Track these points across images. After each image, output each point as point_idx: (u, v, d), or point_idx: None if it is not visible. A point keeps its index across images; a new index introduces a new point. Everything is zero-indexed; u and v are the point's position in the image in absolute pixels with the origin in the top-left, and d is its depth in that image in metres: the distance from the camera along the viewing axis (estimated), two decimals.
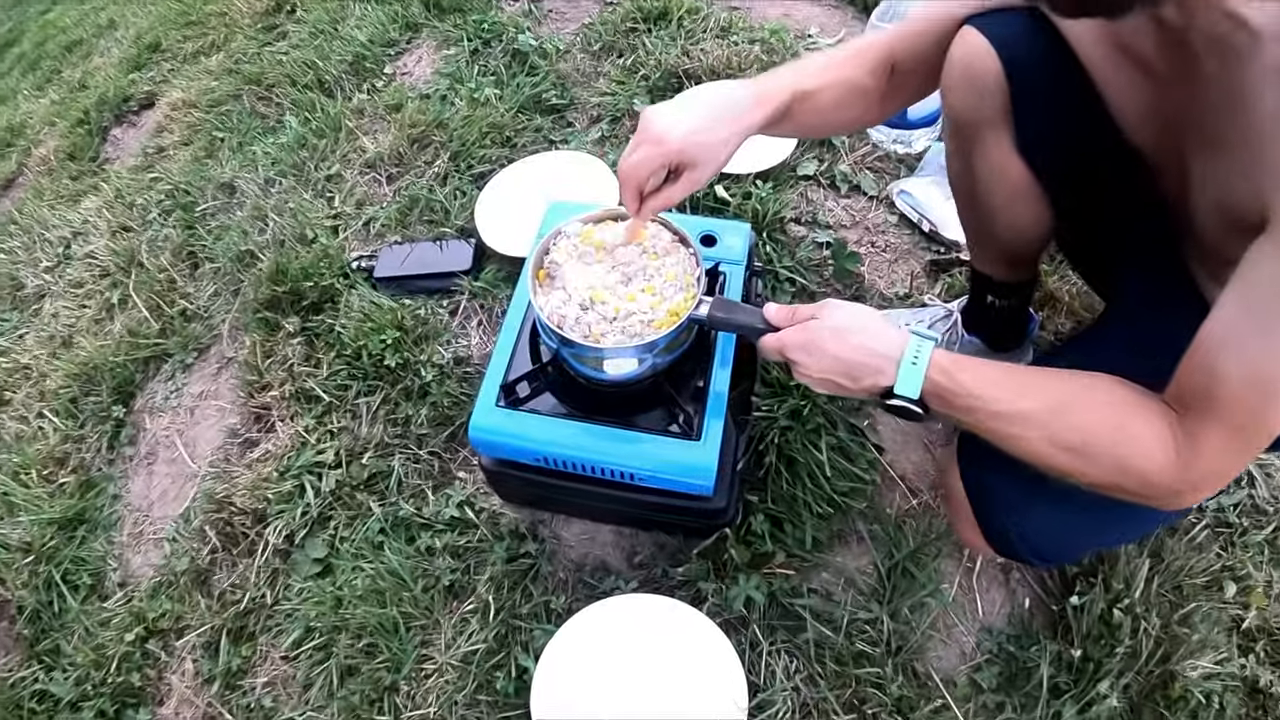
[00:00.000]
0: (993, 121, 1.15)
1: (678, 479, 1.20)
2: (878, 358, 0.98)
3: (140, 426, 1.88)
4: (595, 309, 1.12)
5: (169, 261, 2.09)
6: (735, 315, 1.11)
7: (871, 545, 1.44)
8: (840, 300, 1.06)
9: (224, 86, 2.51)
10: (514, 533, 1.45)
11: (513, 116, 2.01)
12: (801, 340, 1.03)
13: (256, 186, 2.13)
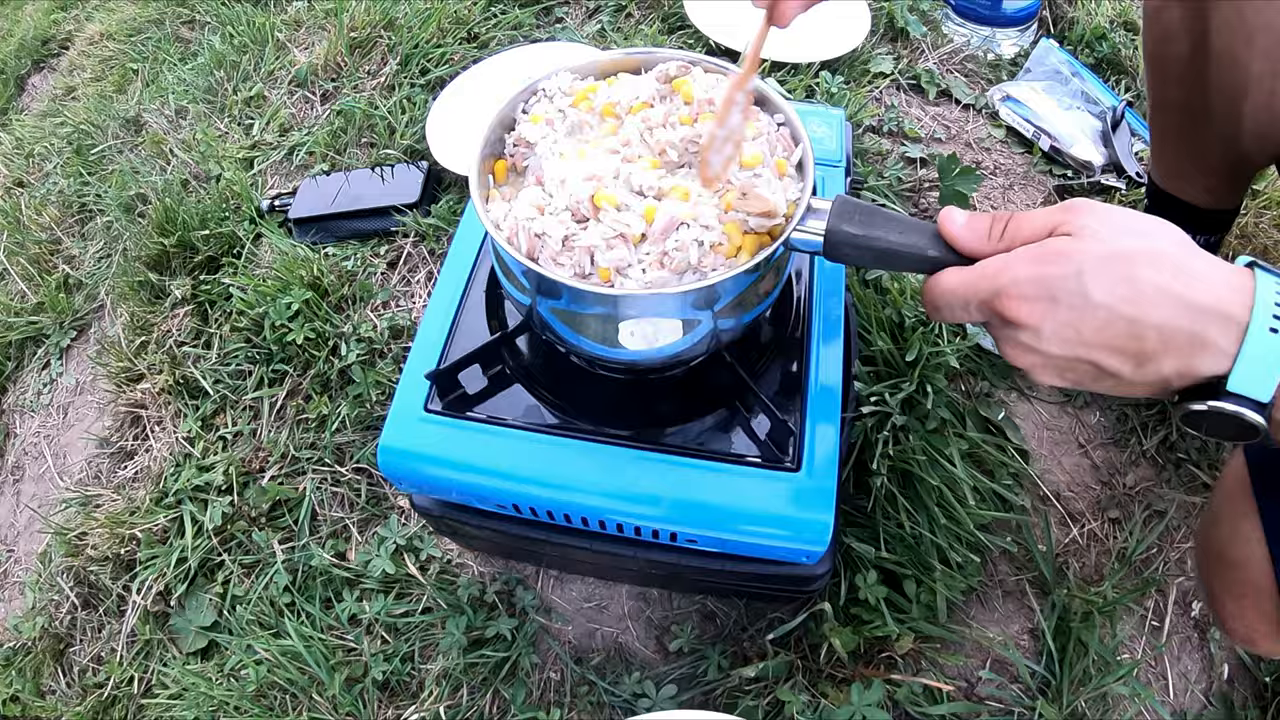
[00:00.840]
0: None
1: (763, 541, 0.57)
2: (1200, 315, 0.41)
3: (10, 430, 1.25)
4: (603, 218, 0.47)
5: (55, 217, 1.43)
6: (883, 231, 0.47)
7: (1028, 603, 0.82)
8: (1099, 202, 0.45)
9: (146, 13, 1.82)
10: (479, 600, 0.81)
11: (482, 9, 1.33)
12: (1039, 279, 0.42)
13: (165, 119, 1.47)
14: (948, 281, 0.45)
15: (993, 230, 0.45)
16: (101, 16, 1.99)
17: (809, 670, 0.74)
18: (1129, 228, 0.43)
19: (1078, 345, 0.42)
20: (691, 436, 0.57)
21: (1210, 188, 0.84)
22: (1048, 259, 0.42)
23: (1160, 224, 0.43)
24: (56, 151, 1.60)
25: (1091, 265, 0.41)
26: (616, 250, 0.45)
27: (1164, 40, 0.74)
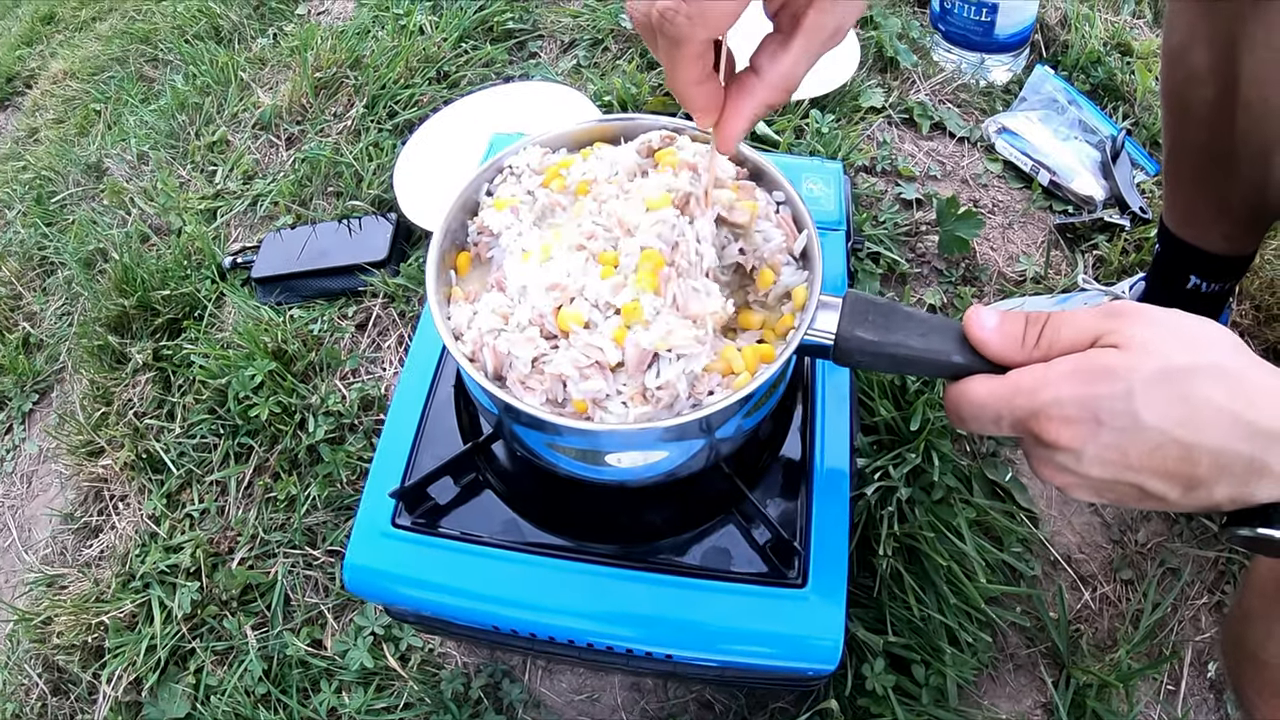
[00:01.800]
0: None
1: (769, 662, 0.52)
2: (1260, 439, 0.37)
3: None
4: (573, 340, 0.42)
5: (14, 270, 1.37)
6: (905, 335, 0.42)
7: (1040, 674, 0.78)
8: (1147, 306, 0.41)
9: (109, 50, 1.77)
10: (463, 695, 0.76)
11: (452, 46, 1.28)
12: (1083, 401, 0.38)
13: (127, 165, 1.41)
14: (977, 393, 0.40)
15: (1027, 336, 0.41)
16: (65, 53, 1.93)
17: None
18: (1182, 338, 0.38)
19: (1123, 469, 0.38)
20: (684, 552, 0.52)
21: (1227, 234, 0.80)
22: (1095, 378, 0.37)
23: (1216, 331, 0.39)
24: (19, 198, 1.54)
25: (1142, 384, 0.36)
26: (592, 380, 0.40)
27: (1188, 83, 0.70)
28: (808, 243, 0.47)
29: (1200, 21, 0.66)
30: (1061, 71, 1.23)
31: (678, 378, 0.40)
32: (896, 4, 1.29)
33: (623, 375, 0.41)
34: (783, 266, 0.49)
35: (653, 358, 0.41)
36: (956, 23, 1.21)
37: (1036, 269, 0.98)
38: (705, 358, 0.42)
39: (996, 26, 1.20)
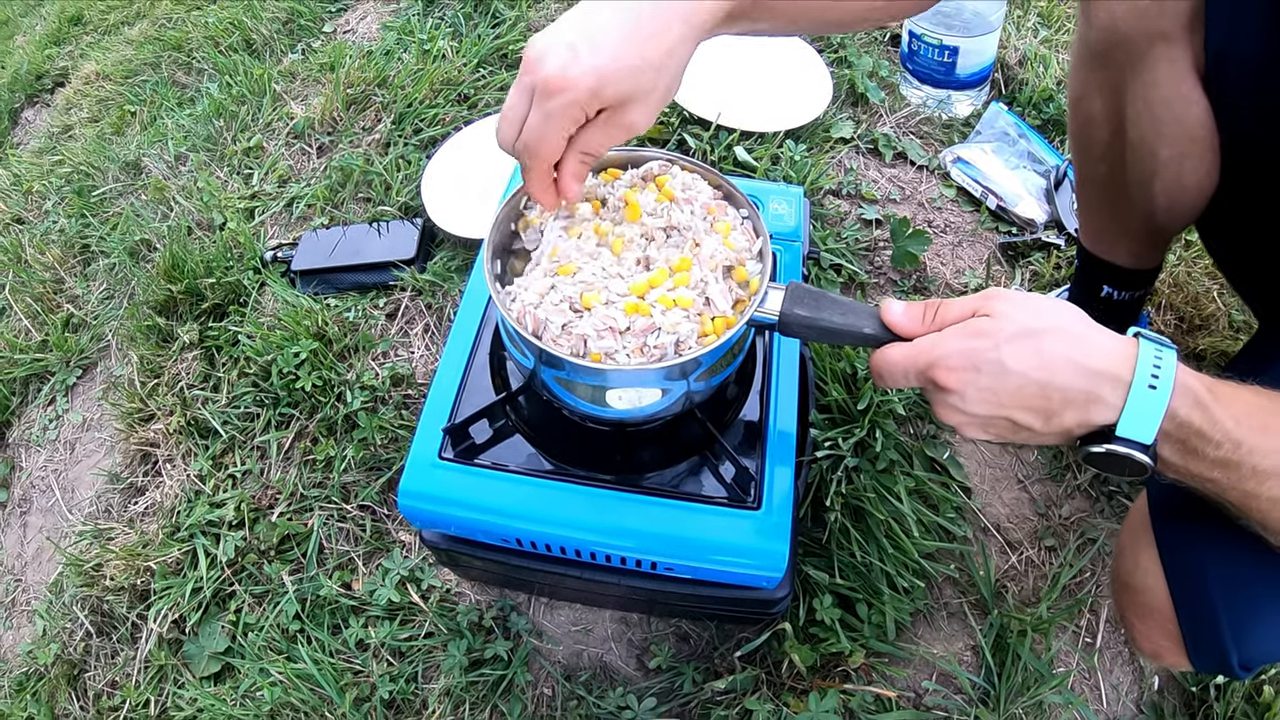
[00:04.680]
0: (1169, 35, 0.71)
1: (729, 569, 0.70)
2: (1093, 377, 0.54)
3: (16, 464, 1.35)
4: (597, 311, 0.60)
5: (57, 257, 1.54)
6: (828, 314, 0.60)
7: (969, 623, 0.95)
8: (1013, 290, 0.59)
9: (142, 55, 1.95)
10: (476, 625, 0.93)
11: (471, 70, 1.46)
12: (964, 353, 0.54)
13: (165, 164, 1.58)
14: (890, 355, 0.58)
15: (925, 315, 0.59)
16: (97, 55, 2.11)
17: (772, 683, 0.87)
18: (1034, 309, 0.56)
19: (997, 406, 0.55)
20: (667, 480, 0.70)
21: (1133, 250, 0.98)
22: (971, 336, 0.55)
23: (1062, 306, 0.57)
24: (55, 190, 1.71)
25: (1006, 340, 0.54)
26: (605, 340, 0.58)
27: (1087, 125, 0.88)
28: (763, 244, 0.65)
29: (1093, 77, 0.84)
30: (1016, 108, 1.43)
31: (668, 341, 0.58)
32: (870, 44, 1.48)
33: (628, 337, 0.59)
34: (748, 262, 0.66)
35: (650, 326, 0.59)
36: (922, 62, 1.40)
37: (979, 281, 1.17)
38: (688, 327, 0.60)
39: (958, 67, 1.39)
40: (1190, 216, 0.86)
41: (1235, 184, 0.77)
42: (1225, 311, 1.21)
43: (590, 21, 0.59)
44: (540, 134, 0.58)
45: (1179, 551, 0.66)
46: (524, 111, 0.59)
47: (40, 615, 1.15)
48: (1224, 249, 0.92)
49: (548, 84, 0.57)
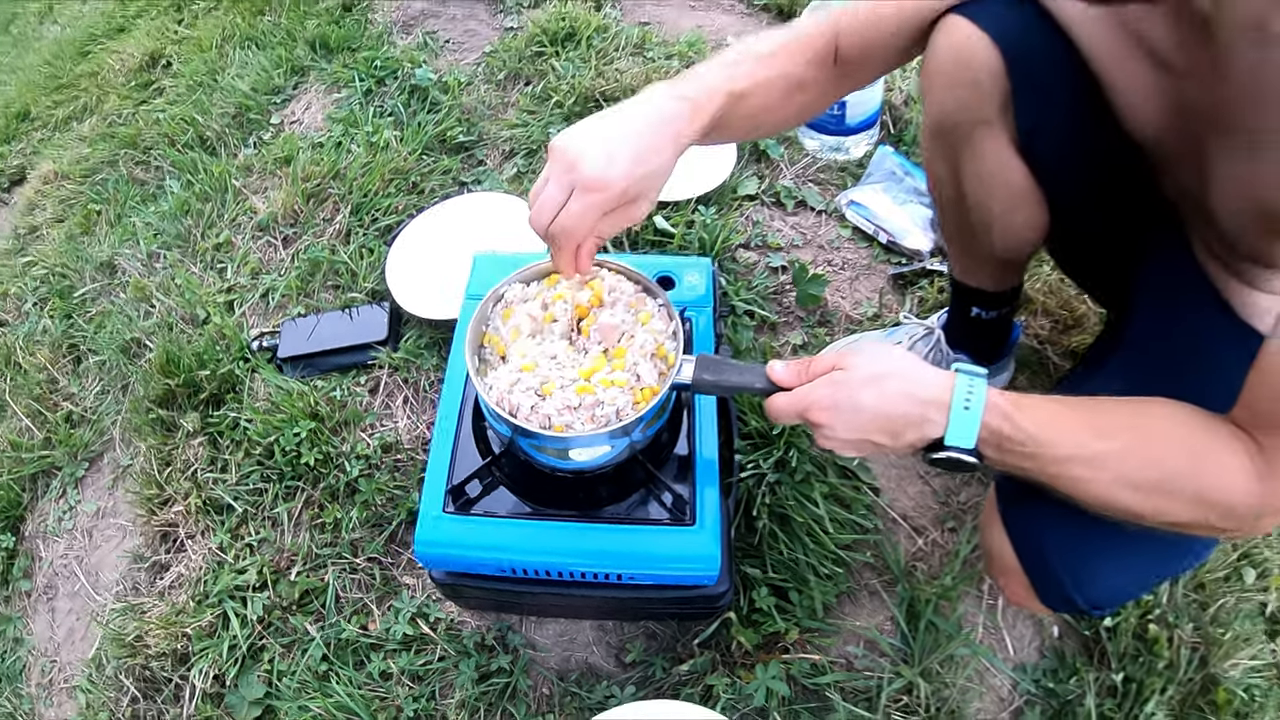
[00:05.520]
0: (987, 118, 0.98)
1: (676, 573, 0.97)
2: (923, 405, 0.79)
3: (35, 555, 1.57)
4: (555, 395, 0.88)
5: (47, 358, 1.76)
6: (728, 376, 0.89)
7: (887, 600, 1.24)
8: (863, 343, 0.86)
9: (98, 153, 2.19)
10: (480, 645, 1.19)
11: (417, 159, 1.74)
12: (829, 398, 0.81)
13: (139, 263, 1.82)
14: (777, 403, 0.85)
15: (800, 371, 0.86)
16: (51, 153, 2.34)
17: (727, 662, 1.15)
18: (878, 359, 0.83)
19: (858, 432, 0.82)
20: (621, 511, 0.97)
21: (992, 277, 1.27)
22: (832, 385, 0.83)
23: (898, 353, 0.85)
24: (31, 291, 1.94)
25: (858, 385, 0.81)
26: (564, 415, 0.85)
27: (937, 184, 1.17)
28: (675, 327, 0.93)
29: (936, 149, 1.13)
30: (903, 146, 1.74)
31: (610, 411, 0.86)
32: None
33: (581, 411, 0.87)
34: (666, 342, 0.94)
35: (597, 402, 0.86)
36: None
37: (874, 310, 1.46)
38: (626, 396, 0.88)
39: (847, 117, 1.69)
40: (1030, 250, 1.16)
41: (1062, 220, 1.07)
42: (1094, 312, 1.51)
43: (611, 134, 0.84)
44: (579, 220, 0.82)
45: (1019, 523, 0.95)
46: (562, 201, 0.82)
47: (81, 690, 1.37)
48: (1066, 264, 1.24)
49: (589, 182, 0.81)
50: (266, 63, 2.16)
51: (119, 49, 2.61)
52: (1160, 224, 0.94)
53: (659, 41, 1.94)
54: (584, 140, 0.83)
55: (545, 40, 1.94)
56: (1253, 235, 0.77)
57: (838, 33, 0.98)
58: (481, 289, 1.13)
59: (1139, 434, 0.79)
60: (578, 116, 1.74)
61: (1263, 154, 0.71)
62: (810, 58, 0.97)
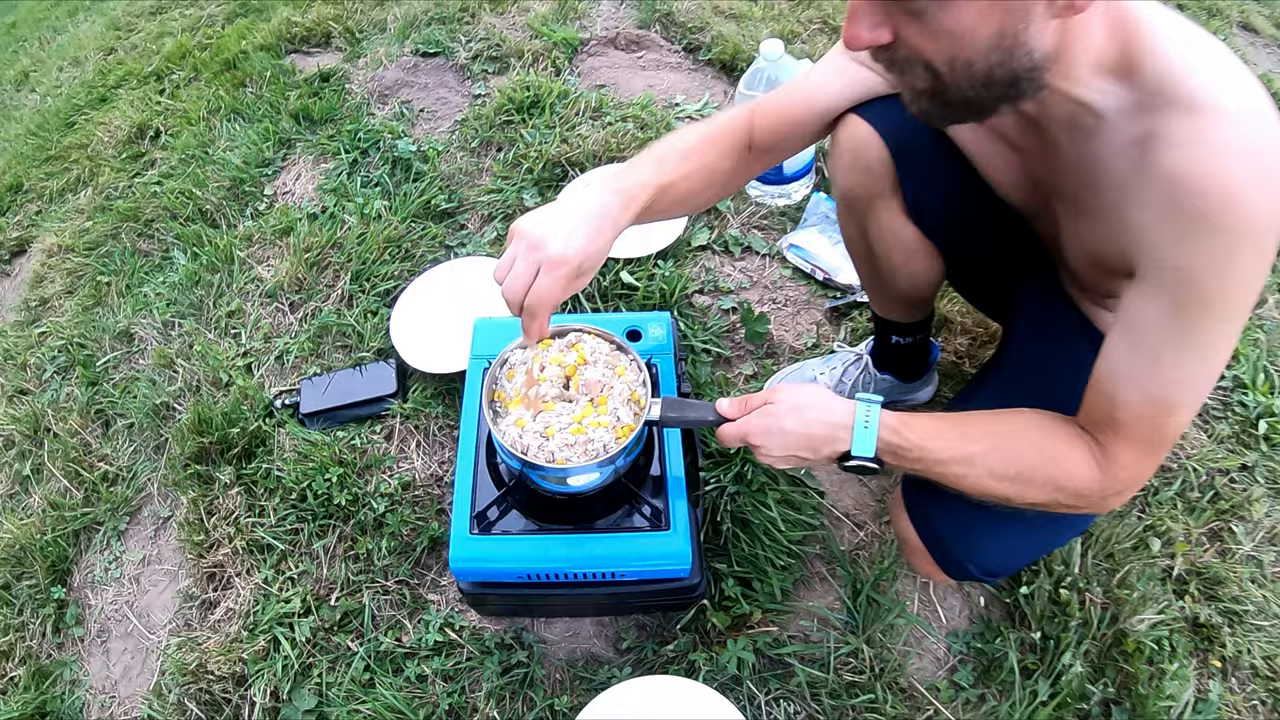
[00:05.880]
0: (882, 194, 1.29)
1: (657, 569, 1.28)
2: (833, 427, 1.08)
3: (84, 604, 1.82)
4: (556, 437, 1.19)
5: (78, 424, 2.02)
6: (687, 413, 1.20)
7: (835, 583, 1.55)
8: (786, 383, 1.16)
9: (99, 226, 2.44)
10: (501, 644, 1.49)
11: (406, 227, 2.04)
12: (763, 426, 1.11)
13: (156, 332, 2.10)
14: (725, 431, 1.16)
15: (740, 406, 1.17)
16: (51, 226, 2.58)
17: (705, 641, 1.45)
18: (798, 394, 1.14)
19: (786, 449, 1.13)
20: (611, 522, 1.28)
21: (904, 311, 1.59)
22: (764, 416, 1.13)
23: (814, 388, 1.15)
24: (50, 361, 2.18)
25: (784, 415, 1.12)
26: (564, 451, 1.16)
27: (849, 241, 1.49)
28: (644, 377, 1.24)
29: (845, 215, 1.45)
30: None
31: (599, 446, 1.17)
32: None
33: (577, 447, 1.17)
34: (638, 389, 1.25)
35: (588, 440, 1.17)
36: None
37: (814, 340, 1.79)
38: (609, 434, 1.19)
39: (785, 168, 2.02)
40: (931, 290, 1.48)
41: (954, 264, 1.39)
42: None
43: (564, 219, 1.08)
44: (548, 292, 1.05)
45: (918, 511, 1.26)
46: (531, 277, 1.03)
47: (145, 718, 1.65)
48: (964, 294, 1.58)
49: (553, 260, 1.05)
50: (255, 135, 2.45)
51: (105, 120, 2.86)
52: (1035, 260, 1.25)
53: (615, 104, 2.26)
54: (543, 225, 1.06)
55: (512, 108, 2.26)
56: (1092, 273, 1.08)
57: (752, 125, 1.26)
58: (484, 349, 1.44)
59: (1001, 437, 1.07)
60: (547, 182, 2.08)
61: (1089, 217, 1.02)
62: (726, 150, 1.25)
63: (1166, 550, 1.60)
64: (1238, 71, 0.89)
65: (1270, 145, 0.85)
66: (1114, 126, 0.92)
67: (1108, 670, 1.46)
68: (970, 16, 0.81)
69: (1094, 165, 0.96)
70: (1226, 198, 0.83)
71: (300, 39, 2.89)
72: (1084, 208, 1.02)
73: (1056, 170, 1.03)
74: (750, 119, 1.27)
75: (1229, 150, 0.84)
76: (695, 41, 2.54)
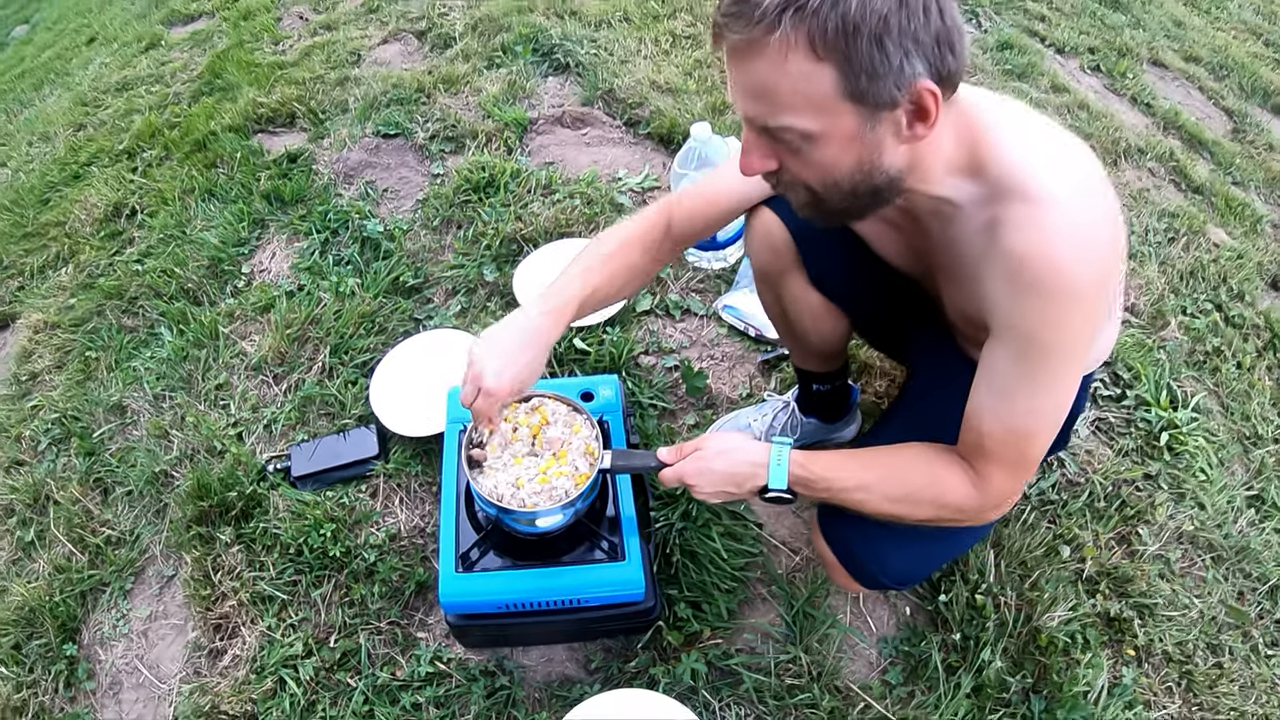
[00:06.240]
0: (789, 269, 1.61)
1: (616, 595, 1.57)
2: (753, 465, 1.37)
3: (95, 659, 2.02)
4: (525, 486, 1.48)
5: (79, 492, 2.23)
6: (633, 461, 1.50)
7: (774, 602, 1.85)
8: (714, 432, 1.47)
9: (84, 303, 2.68)
10: (485, 671, 1.76)
11: (378, 303, 2.34)
12: (695, 468, 1.41)
13: (148, 404, 2.35)
14: (665, 475, 1.46)
15: (676, 454, 1.47)
16: (34, 302, 2.81)
17: (662, 657, 1.74)
18: (723, 441, 1.45)
19: (715, 486, 1.42)
20: (575, 555, 1.58)
21: (820, 363, 1.90)
22: (696, 460, 1.43)
23: (737, 436, 1.46)
24: (43, 433, 2.40)
25: (711, 458, 1.42)
26: (533, 498, 1.46)
27: (768, 306, 1.81)
28: (596, 432, 1.54)
29: (761, 284, 1.77)
30: None
31: (561, 492, 1.47)
32: None
33: (543, 494, 1.47)
34: (592, 443, 1.55)
35: (552, 488, 1.47)
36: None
37: (748, 390, 2.10)
38: (570, 481, 1.49)
39: (718, 235, 2.35)
40: (841, 344, 1.81)
41: (858, 321, 1.71)
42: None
43: (501, 351, 1.40)
44: (484, 409, 1.41)
45: (831, 532, 1.55)
46: (474, 398, 1.41)
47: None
48: (872, 344, 1.90)
49: (487, 390, 1.40)
50: (230, 216, 2.73)
51: (81, 198, 3.11)
52: (927, 315, 1.54)
53: (563, 180, 2.59)
54: (484, 358, 1.38)
55: (469, 188, 2.57)
56: (967, 328, 1.37)
57: (670, 219, 1.55)
58: (458, 414, 1.74)
59: (892, 467, 1.36)
60: (504, 257, 2.40)
61: (957, 284, 1.31)
62: (645, 247, 1.54)
63: (1076, 555, 1.92)
64: (1071, 159, 1.15)
65: (1091, 223, 1.10)
66: (968, 214, 1.17)
67: (1026, 664, 1.74)
68: (834, 151, 1.10)
69: (956, 245, 1.22)
70: (1054, 271, 1.08)
71: (266, 119, 3.20)
72: (953, 277, 1.31)
73: (930, 247, 1.32)
74: (668, 213, 1.56)
75: (1057, 232, 1.08)
76: (635, 116, 2.89)
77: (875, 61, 1.00)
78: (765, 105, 1.07)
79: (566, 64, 3.22)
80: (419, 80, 3.17)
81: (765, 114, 1.08)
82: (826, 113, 1.05)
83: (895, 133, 1.09)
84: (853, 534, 1.50)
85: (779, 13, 0.98)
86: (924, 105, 1.04)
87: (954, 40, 1.04)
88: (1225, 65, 4.28)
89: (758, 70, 1.04)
